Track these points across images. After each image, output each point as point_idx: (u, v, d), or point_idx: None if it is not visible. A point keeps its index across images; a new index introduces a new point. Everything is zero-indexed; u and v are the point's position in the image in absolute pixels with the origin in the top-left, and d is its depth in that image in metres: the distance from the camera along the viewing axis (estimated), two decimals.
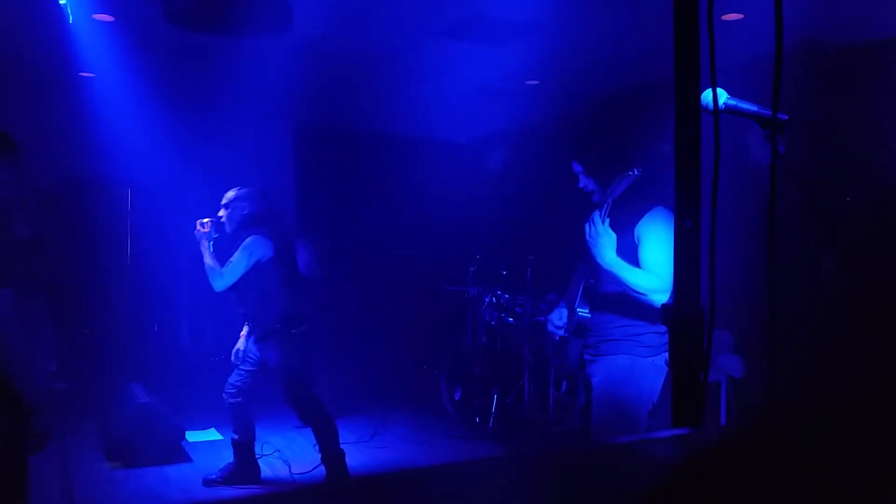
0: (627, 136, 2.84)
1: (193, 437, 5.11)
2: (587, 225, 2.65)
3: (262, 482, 4.31)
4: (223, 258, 4.02)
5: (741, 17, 3.98)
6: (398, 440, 5.37)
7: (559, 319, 2.96)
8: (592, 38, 4.69)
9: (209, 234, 4.03)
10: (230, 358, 4.35)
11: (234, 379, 4.20)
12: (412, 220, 7.29)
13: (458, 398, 5.82)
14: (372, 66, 5.42)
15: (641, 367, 2.68)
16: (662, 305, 1.26)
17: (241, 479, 4.23)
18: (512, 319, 5.72)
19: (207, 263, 3.97)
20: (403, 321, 7.22)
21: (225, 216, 4.10)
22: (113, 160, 6.02)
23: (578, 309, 2.84)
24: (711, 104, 1.37)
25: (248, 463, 4.27)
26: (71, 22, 4.25)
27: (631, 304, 2.65)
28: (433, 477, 0.73)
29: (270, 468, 4.53)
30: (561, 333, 2.95)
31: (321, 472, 4.32)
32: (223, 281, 3.94)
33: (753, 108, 1.65)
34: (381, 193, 7.32)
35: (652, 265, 2.61)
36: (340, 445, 4.19)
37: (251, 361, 4.19)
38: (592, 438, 2.79)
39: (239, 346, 4.29)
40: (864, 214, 4.15)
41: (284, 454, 4.77)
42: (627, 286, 2.59)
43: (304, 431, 5.22)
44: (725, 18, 4.02)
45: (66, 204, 6.20)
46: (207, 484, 4.22)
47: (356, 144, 7.41)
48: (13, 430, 2.35)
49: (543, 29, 4.55)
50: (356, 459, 4.58)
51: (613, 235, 2.60)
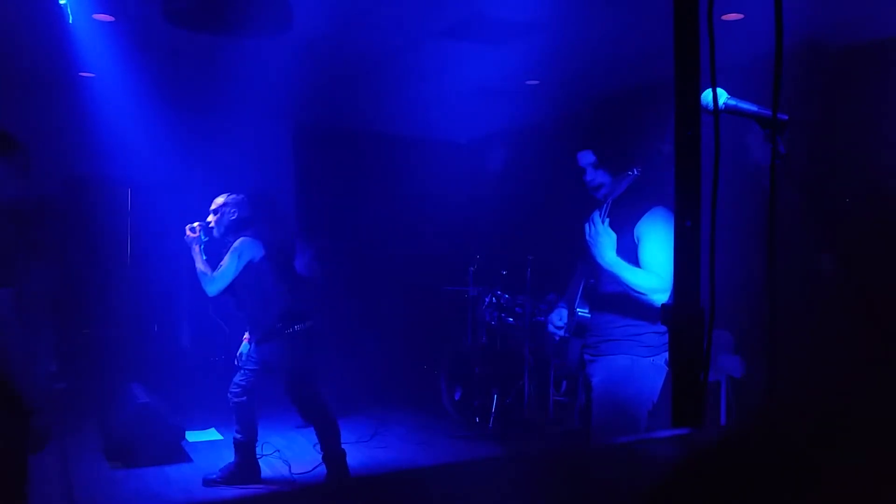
0: (627, 135, 2.84)
1: (193, 437, 5.11)
2: (587, 225, 2.65)
3: (262, 482, 4.31)
4: (215, 262, 4.02)
5: (741, 17, 3.98)
6: (398, 440, 5.37)
7: (559, 319, 2.97)
8: (592, 38, 4.69)
9: (199, 238, 4.03)
10: (233, 361, 4.37)
11: (238, 378, 4.21)
12: (412, 220, 7.29)
13: (458, 398, 5.82)
14: (372, 66, 5.42)
15: (641, 367, 2.69)
16: (662, 305, 1.27)
17: (241, 479, 4.24)
18: (512, 319, 5.72)
19: (199, 268, 3.98)
20: (403, 321, 7.22)
21: (214, 221, 4.10)
22: (113, 160, 6.02)
23: (578, 309, 2.84)
24: (711, 104, 1.37)
25: (248, 463, 4.28)
26: (71, 22, 4.25)
27: (631, 303, 2.65)
28: (433, 477, 0.73)
29: (270, 468, 4.53)
30: (561, 334, 2.95)
31: (321, 471, 4.32)
32: (215, 285, 3.95)
33: (753, 108, 1.65)
34: (381, 193, 7.32)
35: (652, 265, 2.61)
36: (342, 445, 4.20)
37: (254, 361, 4.20)
38: (592, 438, 2.79)
39: (242, 349, 4.30)
40: (864, 214, 4.15)
41: (284, 454, 4.77)
42: (627, 286, 2.59)
43: (304, 431, 5.23)
44: (725, 18, 4.03)
45: (66, 204, 6.20)
46: (207, 484, 4.23)
47: (356, 144, 7.41)
48: (13, 430, 2.35)
49: (543, 29, 4.55)
50: (356, 459, 4.58)
51: (613, 235, 2.60)
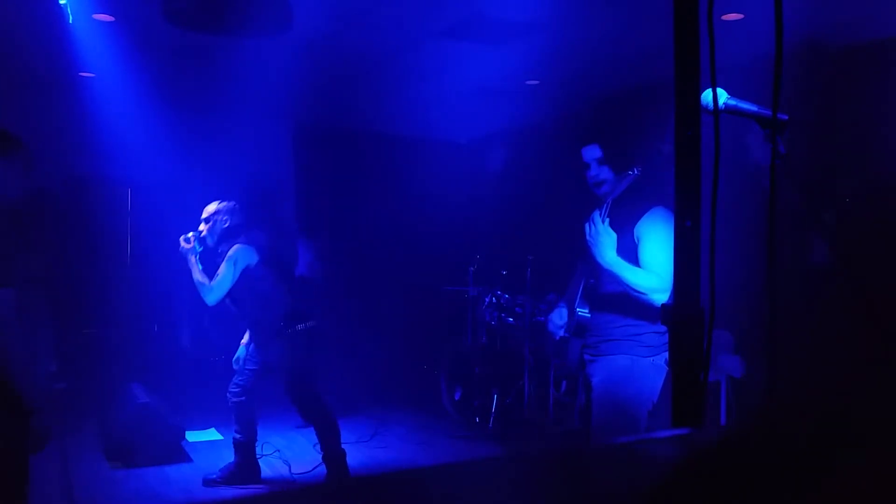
0: (630, 135, 2.84)
1: (193, 437, 5.11)
2: (587, 224, 2.65)
3: (262, 482, 4.31)
4: (211, 270, 4.02)
5: (741, 17, 3.98)
6: (398, 440, 5.36)
7: (559, 319, 2.97)
8: (592, 38, 4.69)
9: (194, 248, 4.03)
10: (231, 363, 4.36)
11: (238, 378, 4.21)
12: (412, 220, 7.29)
13: (458, 398, 5.82)
14: (372, 66, 5.42)
15: (641, 367, 2.69)
16: (662, 305, 1.27)
17: (241, 479, 4.24)
18: (512, 319, 5.72)
19: (196, 279, 3.98)
20: (403, 321, 7.22)
21: (206, 230, 4.10)
22: (113, 160, 6.02)
23: (578, 309, 2.84)
24: (711, 104, 1.37)
25: (248, 463, 4.28)
26: (71, 22, 4.25)
27: (631, 303, 2.65)
28: (433, 477, 0.73)
29: (270, 468, 4.53)
30: (561, 333, 2.95)
31: (321, 471, 4.32)
32: (213, 295, 3.95)
33: (753, 108, 1.65)
34: (381, 193, 7.32)
35: (652, 265, 2.61)
36: (342, 445, 4.21)
37: (255, 361, 4.20)
38: (592, 438, 2.79)
39: (239, 354, 4.29)
40: (864, 214, 4.15)
41: (284, 454, 4.77)
42: (628, 285, 2.59)
43: (304, 431, 5.23)
44: (725, 18, 4.02)
45: (66, 204, 6.20)
46: (207, 484, 4.23)
47: (356, 144, 7.41)
48: (13, 430, 2.35)
49: (543, 29, 4.55)
50: (356, 459, 4.58)
51: (614, 235, 2.60)
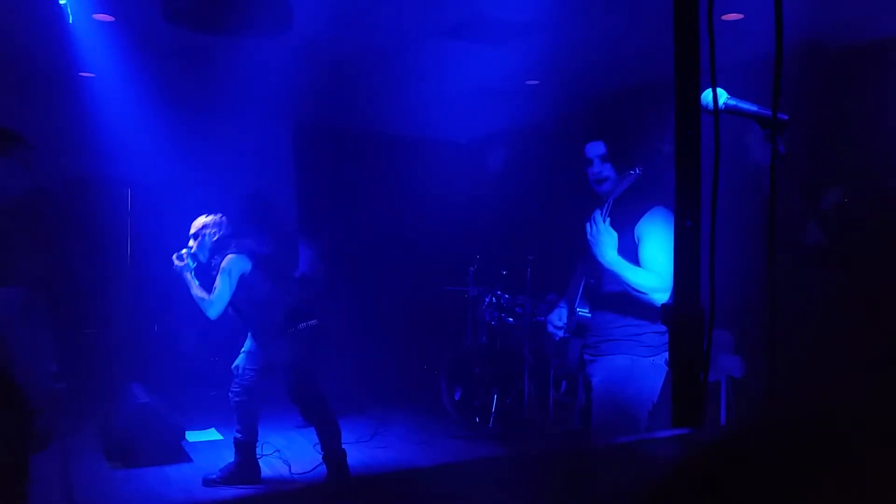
0: (631, 134, 2.84)
1: (193, 437, 5.11)
2: (588, 224, 2.65)
3: (262, 482, 4.31)
4: (207, 283, 4.04)
5: (741, 17, 3.98)
6: (398, 440, 5.36)
7: (559, 320, 2.97)
8: (592, 38, 4.69)
9: (187, 265, 4.05)
10: (233, 360, 4.36)
11: (240, 378, 4.21)
12: (412, 220, 7.29)
13: (458, 398, 5.82)
14: (372, 66, 5.42)
15: (641, 367, 2.69)
16: (662, 305, 1.27)
17: (241, 479, 4.24)
18: (512, 319, 5.72)
19: (196, 294, 4.00)
20: (403, 321, 7.22)
21: (196, 246, 4.11)
22: (113, 160, 6.02)
23: (578, 309, 2.84)
24: (711, 104, 1.37)
25: (248, 463, 4.28)
26: (71, 22, 4.25)
27: (631, 303, 2.65)
28: (433, 477, 0.73)
29: (270, 468, 4.53)
30: (561, 334, 2.95)
31: (321, 471, 4.32)
32: (215, 309, 3.97)
33: (753, 108, 1.65)
34: (381, 193, 7.32)
35: (652, 264, 2.61)
36: (343, 445, 4.21)
37: (257, 361, 4.20)
38: (592, 438, 2.79)
39: (238, 362, 4.28)
40: (864, 214, 4.15)
41: (284, 454, 4.77)
42: (628, 285, 2.59)
43: (304, 431, 5.23)
44: (725, 18, 4.03)
45: (66, 204, 6.20)
46: (207, 484, 4.23)
47: (356, 144, 7.41)
48: (14, 430, 2.35)
49: (543, 29, 4.55)
50: (356, 459, 4.58)
51: (615, 234, 2.60)
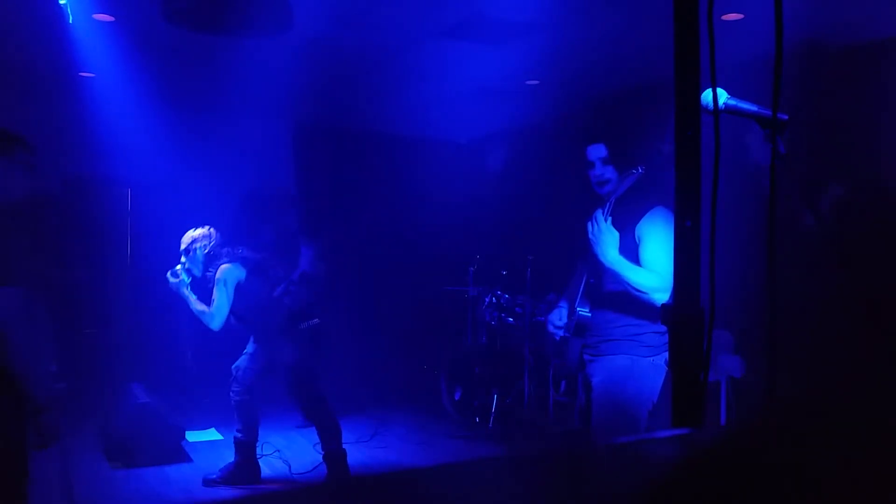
0: (633, 134, 2.84)
1: (193, 437, 5.11)
2: (590, 223, 2.65)
3: (262, 482, 4.31)
4: (205, 295, 4.07)
5: (741, 17, 3.98)
6: (398, 440, 5.36)
7: (559, 319, 2.97)
8: (592, 38, 4.69)
9: (182, 281, 4.08)
10: (234, 360, 4.36)
11: (241, 377, 4.21)
12: (412, 219, 7.28)
13: (458, 398, 5.82)
14: (372, 66, 5.42)
15: (641, 367, 2.69)
16: (662, 305, 1.27)
17: (241, 479, 4.24)
18: (512, 319, 5.72)
19: (196, 309, 4.03)
20: (403, 321, 7.22)
21: (188, 261, 4.13)
22: (113, 160, 6.01)
23: (579, 308, 2.84)
24: (711, 104, 1.37)
25: (248, 463, 4.28)
26: (71, 22, 4.25)
27: (631, 303, 2.65)
28: (433, 477, 0.73)
29: (270, 468, 4.53)
30: (561, 334, 2.95)
31: (321, 471, 4.32)
32: (216, 320, 4.00)
33: (753, 108, 1.65)
34: (381, 193, 7.32)
35: (652, 264, 2.61)
36: (343, 445, 4.21)
37: (258, 361, 4.20)
38: (592, 438, 2.79)
39: (239, 363, 4.28)
40: (864, 214, 4.15)
41: (284, 454, 4.77)
42: (629, 284, 2.59)
43: (304, 431, 5.23)
44: (725, 18, 4.02)
45: (66, 204, 6.20)
46: (207, 484, 4.23)
47: (356, 144, 7.41)
48: (15, 429, 2.36)
49: (543, 29, 4.55)
50: (356, 459, 4.58)
51: (616, 234, 2.60)
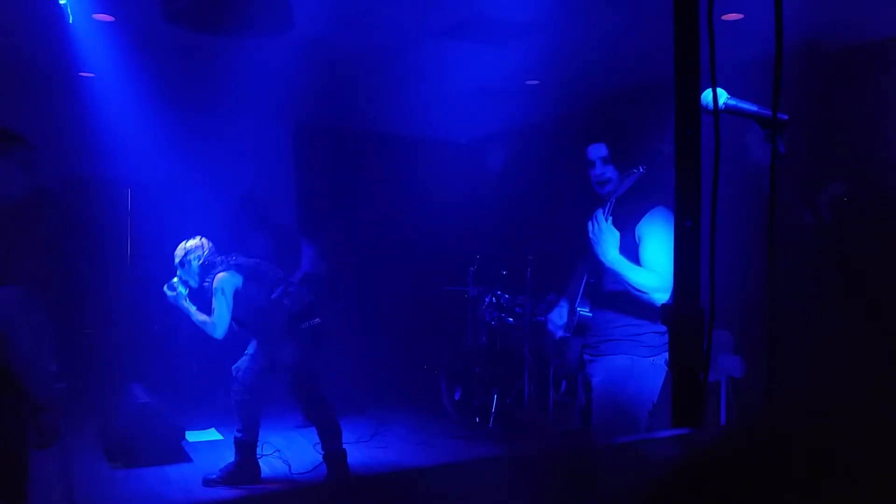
0: (634, 134, 2.84)
1: (193, 437, 5.11)
2: (590, 222, 2.65)
3: (262, 482, 4.31)
4: (203, 304, 4.08)
5: (741, 17, 3.98)
6: (398, 440, 5.36)
7: (559, 319, 2.97)
8: (592, 38, 4.69)
9: (180, 294, 4.10)
10: (234, 360, 4.36)
11: (242, 376, 4.21)
12: (412, 219, 7.28)
13: (458, 398, 5.82)
14: (372, 66, 5.42)
15: (641, 367, 2.69)
16: (662, 305, 1.27)
17: (241, 478, 4.23)
18: (512, 319, 5.72)
19: (197, 319, 4.04)
20: (403, 321, 7.22)
21: (184, 273, 4.14)
22: (113, 160, 6.01)
23: (579, 308, 2.84)
24: (711, 104, 1.37)
25: (248, 463, 4.28)
26: (71, 22, 4.25)
27: (632, 303, 2.65)
28: (433, 477, 0.73)
29: (270, 468, 4.53)
30: (560, 334, 2.95)
31: (321, 471, 4.32)
32: (219, 329, 4.01)
33: (753, 108, 1.65)
34: (381, 193, 7.32)
35: (652, 264, 2.61)
36: (343, 445, 4.22)
37: (259, 361, 4.21)
38: (592, 438, 2.79)
39: (239, 364, 4.28)
40: (864, 214, 4.15)
41: (284, 454, 4.77)
42: (629, 284, 2.59)
43: (304, 431, 5.23)
44: (725, 18, 4.02)
45: (66, 204, 6.20)
46: (207, 484, 4.23)
47: (356, 144, 7.41)
48: (15, 429, 2.36)
49: (543, 29, 4.55)
50: (356, 459, 4.58)
51: (617, 233, 2.60)
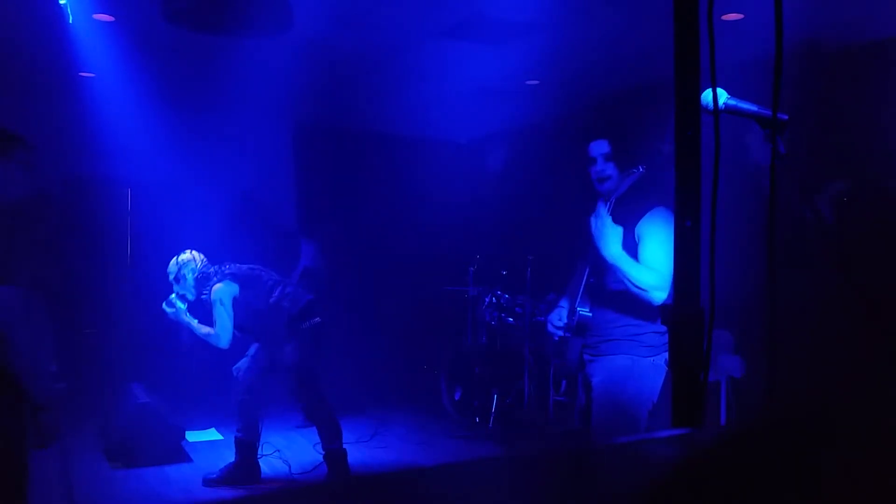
0: (635, 133, 2.84)
1: (193, 437, 5.11)
2: (593, 217, 2.65)
3: (262, 482, 4.31)
4: (203, 315, 4.11)
5: (741, 17, 3.98)
6: (398, 440, 5.36)
7: (559, 319, 2.97)
8: (592, 38, 4.69)
9: (179, 309, 4.12)
10: (234, 360, 4.37)
11: (243, 376, 4.22)
12: (412, 219, 7.28)
13: (458, 398, 5.82)
14: (372, 66, 5.42)
15: (641, 367, 2.69)
16: (662, 305, 1.27)
17: (241, 478, 4.23)
18: (512, 319, 5.72)
19: (201, 333, 4.07)
20: (403, 321, 7.22)
21: (180, 288, 4.16)
22: (113, 160, 6.02)
23: (579, 308, 2.84)
24: (711, 104, 1.37)
25: (249, 462, 4.28)
26: (71, 22, 4.25)
27: (632, 302, 2.65)
28: (433, 477, 0.73)
29: (270, 468, 4.53)
30: (560, 334, 2.95)
31: (321, 471, 4.32)
32: (223, 339, 4.03)
33: (753, 108, 1.65)
34: (381, 193, 7.32)
35: (651, 262, 2.61)
36: (343, 445, 4.22)
37: (260, 361, 4.21)
38: (592, 438, 2.79)
39: (240, 364, 4.29)
40: (863, 214, 4.15)
41: (284, 454, 4.77)
42: (628, 280, 2.59)
43: (304, 431, 5.23)
44: (725, 18, 4.02)
45: (66, 204, 6.20)
46: (207, 484, 4.23)
47: (356, 144, 7.41)
48: (15, 429, 2.36)
49: (543, 29, 4.55)
50: (356, 459, 4.58)
51: (619, 229, 2.61)
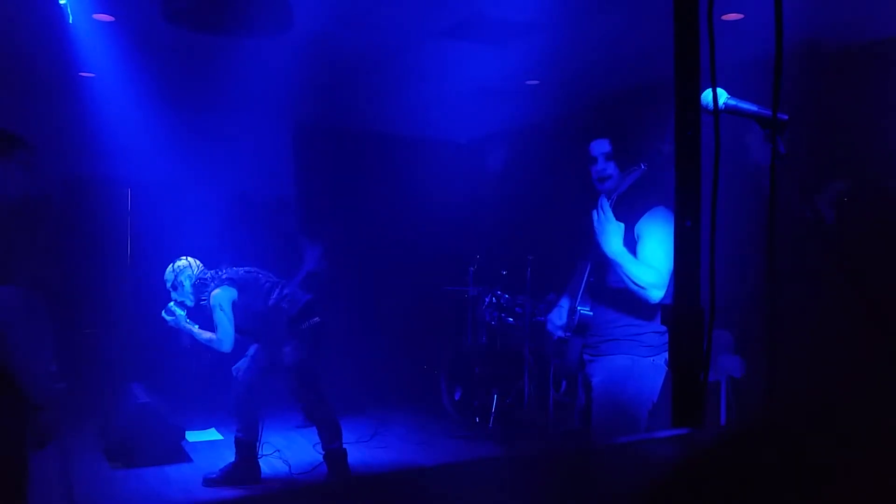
0: (636, 132, 2.84)
1: (193, 437, 5.11)
2: (595, 212, 2.65)
3: (262, 482, 4.31)
4: (203, 320, 4.12)
5: (741, 17, 3.98)
6: (398, 440, 5.36)
7: (559, 319, 2.97)
8: (592, 38, 4.69)
9: (179, 316, 4.13)
10: (231, 369, 4.37)
11: (242, 376, 4.22)
12: (412, 219, 7.28)
13: (458, 398, 5.82)
14: (372, 66, 5.42)
15: (641, 367, 2.69)
16: (662, 305, 1.27)
17: (241, 478, 4.23)
18: (512, 319, 5.72)
19: (203, 339, 4.07)
20: (404, 321, 7.22)
21: (178, 295, 4.17)
22: (113, 160, 6.02)
23: (580, 307, 2.84)
24: (711, 104, 1.37)
25: (248, 462, 4.28)
26: (71, 22, 4.25)
27: (632, 302, 2.65)
28: (433, 477, 0.73)
29: (270, 468, 4.53)
30: (560, 334, 2.94)
31: (321, 471, 4.32)
32: (225, 344, 4.03)
33: (753, 108, 1.65)
34: (381, 193, 7.32)
35: (650, 261, 2.61)
36: (343, 445, 4.22)
37: (260, 361, 4.21)
38: (592, 438, 2.79)
39: (240, 364, 4.29)
40: (863, 214, 4.15)
41: (284, 454, 4.77)
42: (627, 277, 2.59)
43: (304, 431, 5.23)
44: (725, 18, 4.03)
45: (66, 204, 6.20)
46: (207, 484, 4.23)
47: (356, 144, 7.41)
48: (15, 429, 2.35)
49: (543, 29, 4.55)
50: (356, 459, 4.58)
51: (621, 225, 2.61)
